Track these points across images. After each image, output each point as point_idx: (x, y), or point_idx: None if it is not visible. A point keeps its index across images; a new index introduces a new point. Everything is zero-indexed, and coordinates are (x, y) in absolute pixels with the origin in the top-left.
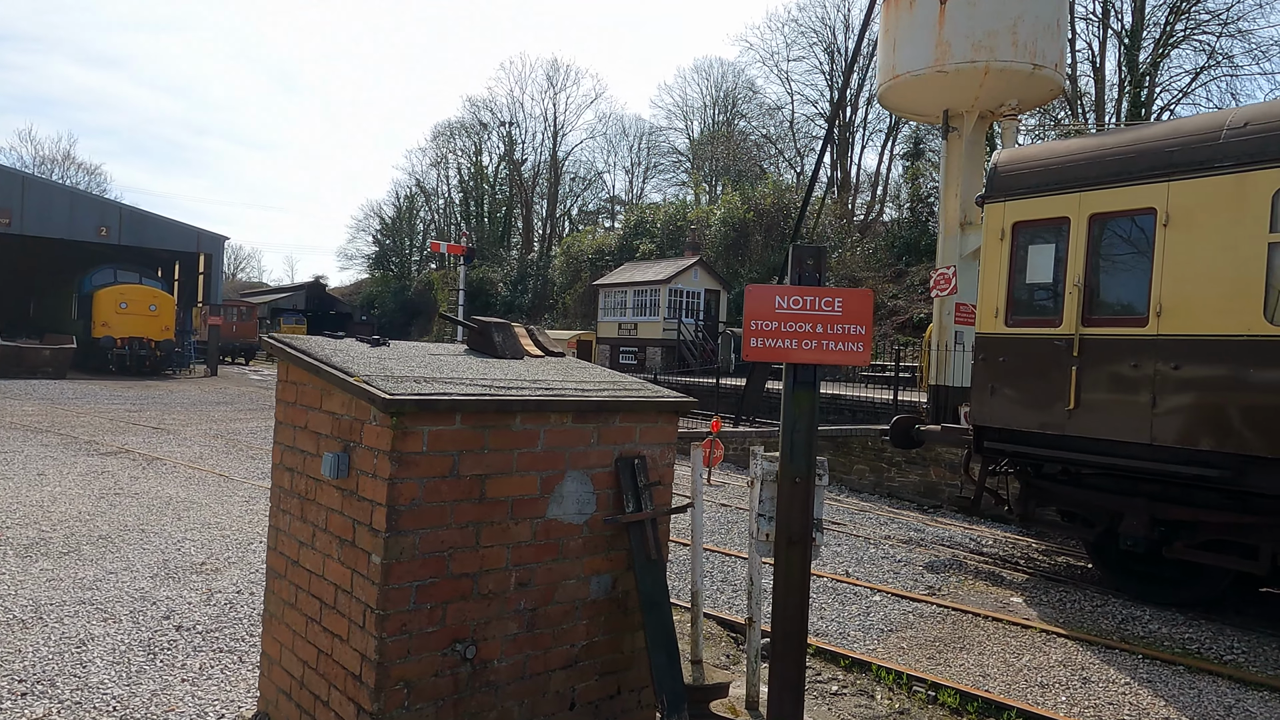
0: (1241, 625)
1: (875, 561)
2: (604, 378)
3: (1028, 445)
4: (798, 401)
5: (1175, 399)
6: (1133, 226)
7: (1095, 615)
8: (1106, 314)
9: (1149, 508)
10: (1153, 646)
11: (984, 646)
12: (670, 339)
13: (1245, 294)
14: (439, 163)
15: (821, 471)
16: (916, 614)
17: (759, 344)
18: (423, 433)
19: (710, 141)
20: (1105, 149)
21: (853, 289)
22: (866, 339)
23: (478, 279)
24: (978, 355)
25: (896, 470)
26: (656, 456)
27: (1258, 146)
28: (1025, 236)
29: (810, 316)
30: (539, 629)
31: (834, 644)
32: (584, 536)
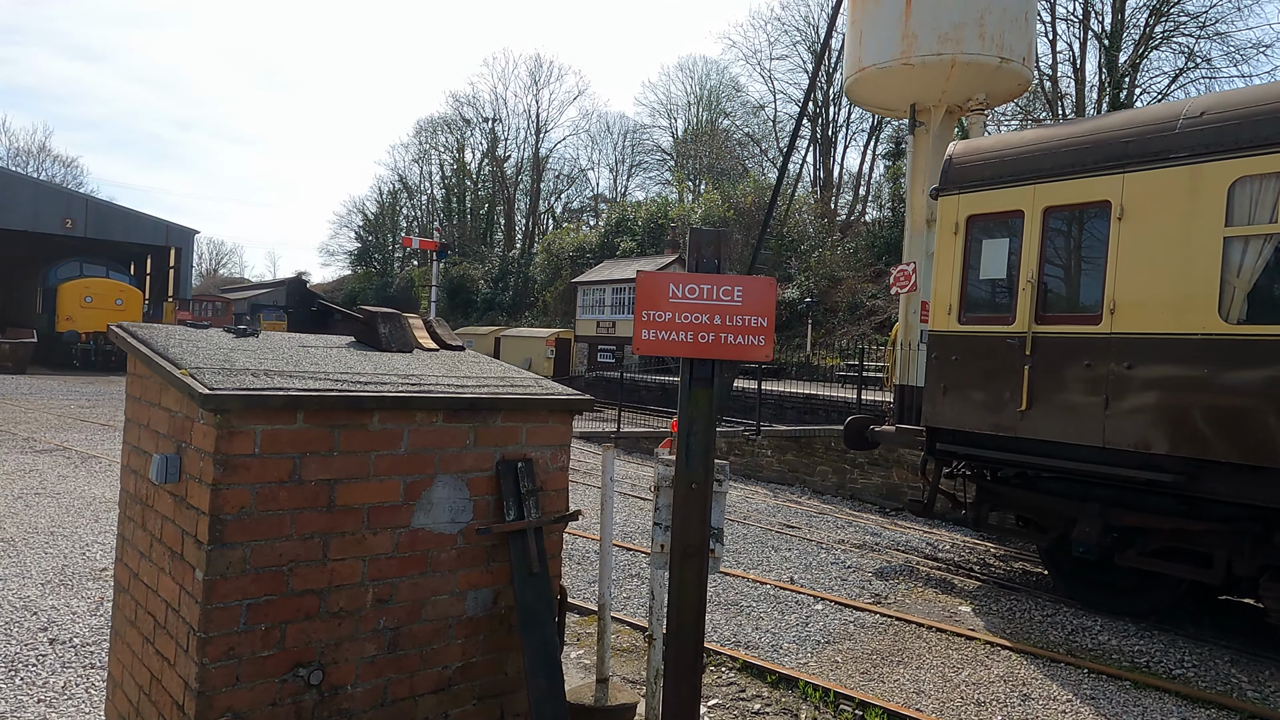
0: (1195, 636)
1: (824, 567)
2: (495, 373)
3: (980, 448)
4: (695, 400)
5: (1128, 401)
6: (1087, 220)
7: (1044, 625)
8: (1060, 311)
9: (1102, 513)
10: (1100, 660)
11: (923, 660)
12: None
13: (1200, 291)
14: (421, 158)
15: (721, 477)
16: (858, 624)
17: (651, 336)
18: (254, 432)
19: (694, 140)
20: (1060, 140)
21: (754, 276)
22: (769, 331)
23: (458, 276)
24: (930, 354)
25: (859, 472)
26: (547, 459)
27: (1213, 136)
28: (979, 230)
29: (707, 307)
30: (403, 650)
31: (764, 658)
32: (459, 548)
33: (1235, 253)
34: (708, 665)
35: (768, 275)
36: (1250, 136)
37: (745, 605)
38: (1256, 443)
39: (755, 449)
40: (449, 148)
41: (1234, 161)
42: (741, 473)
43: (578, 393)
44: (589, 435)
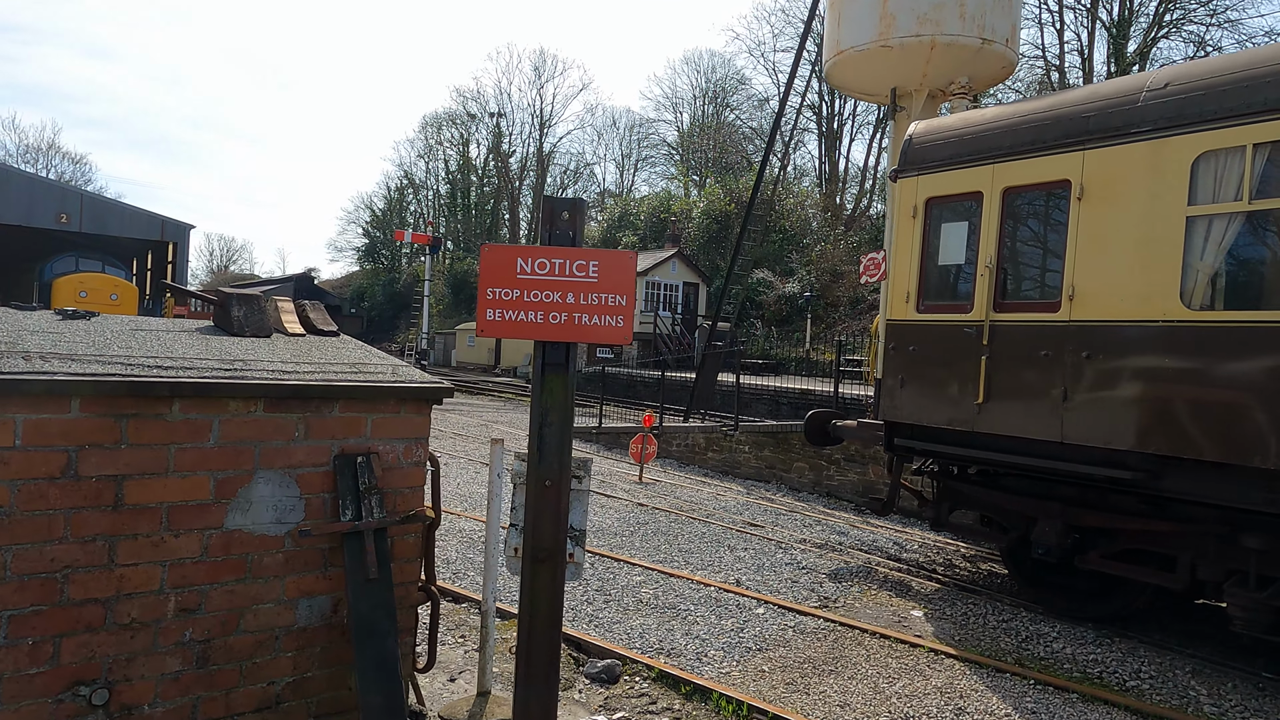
0: (1160, 644)
1: (777, 568)
2: (347, 360)
3: (938, 443)
4: (549, 389)
5: (1087, 393)
6: (1047, 201)
7: (997, 632)
8: (1019, 299)
9: (1063, 513)
10: (1051, 669)
11: (858, 669)
12: (647, 332)
13: (1161, 275)
14: (427, 154)
15: (581, 473)
16: (798, 630)
17: (496, 316)
18: (13, 422)
19: (699, 134)
20: (1021, 116)
21: (612, 250)
22: (628, 311)
23: (463, 272)
24: (888, 344)
25: (836, 469)
26: (399, 453)
27: (1176, 109)
28: (939, 214)
29: (560, 283)
30: (217, 664)
31: (684, 666)
32: (287, 551)
33: (1198, 234)
34: (621, 674)
35: (766, 269)
36: (1215, 108)
37: (683, 609)
38: (1221, 438)
39: (733, 445)
40: (453, 143)
41: (1198, 135)
42: (719, 469)
43: (436, 380)
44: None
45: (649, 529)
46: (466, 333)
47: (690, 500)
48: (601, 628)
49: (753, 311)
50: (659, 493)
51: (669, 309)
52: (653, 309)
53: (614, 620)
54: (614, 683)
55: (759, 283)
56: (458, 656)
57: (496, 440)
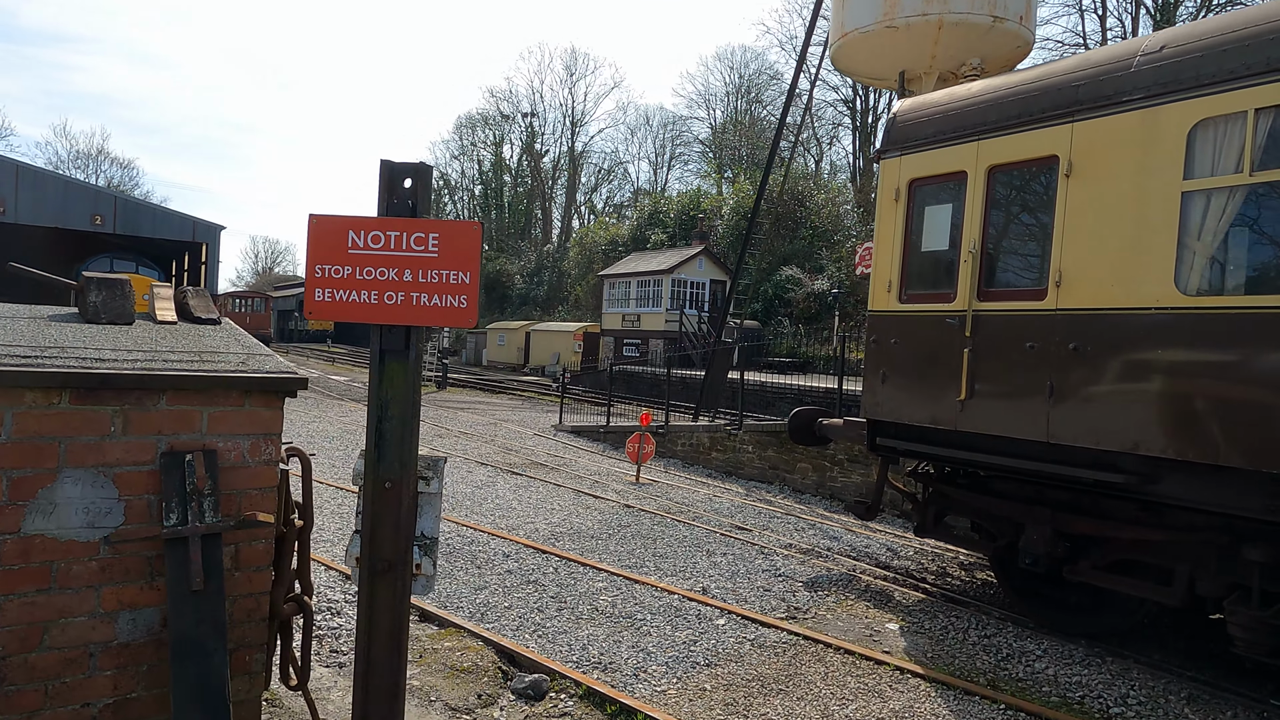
0: (1156, 665)
1: (751, 575)
2: (196, 349)
3: (922, 442)
4: (389, 378)
5: (1074, 389)
6: (1034, 179)
7: (976, 648)
8: (1004, 286)
9: (1052, 519)
10: (1026, 692)
11: (811, 688)
12: (673, 330)
13: (1154, 258)
14: (461, 155)
15: (430, 474)
16: (756, 643)
17: (326, 296)
18: None
19: (732, 130)
20: (1008, 88)
21: (453, 220)
22: (472, 290)
23: (495, 271)
24: (869, 337)
25: (839, 470)
26: (244, 451)
27: (1172, 73)
28: (922, 196)
29: (397, 259)
30: (15, 685)
31: (617, 683)
32: (102, 558)
33: (1195, 211)
34: (548, 691)
35: (794, 266)
36: (1214, 71)
37: (639, 618)
38: (1218, 438)
39: (736, 445)
40: (486, 144)
41: (1195, 101)
42: (723, 470)
43: (289, 371)
44: (580, 429)
45: (629, 532)
46: (497, 332)
47: (682, 502)
48: (545, 638)
49: (781, 309)
50: (651, 494)
51: (695, 306)
52: (679, 307)
53: (560, 630)
54: (539, 699)
55: (787, 280)
56: None
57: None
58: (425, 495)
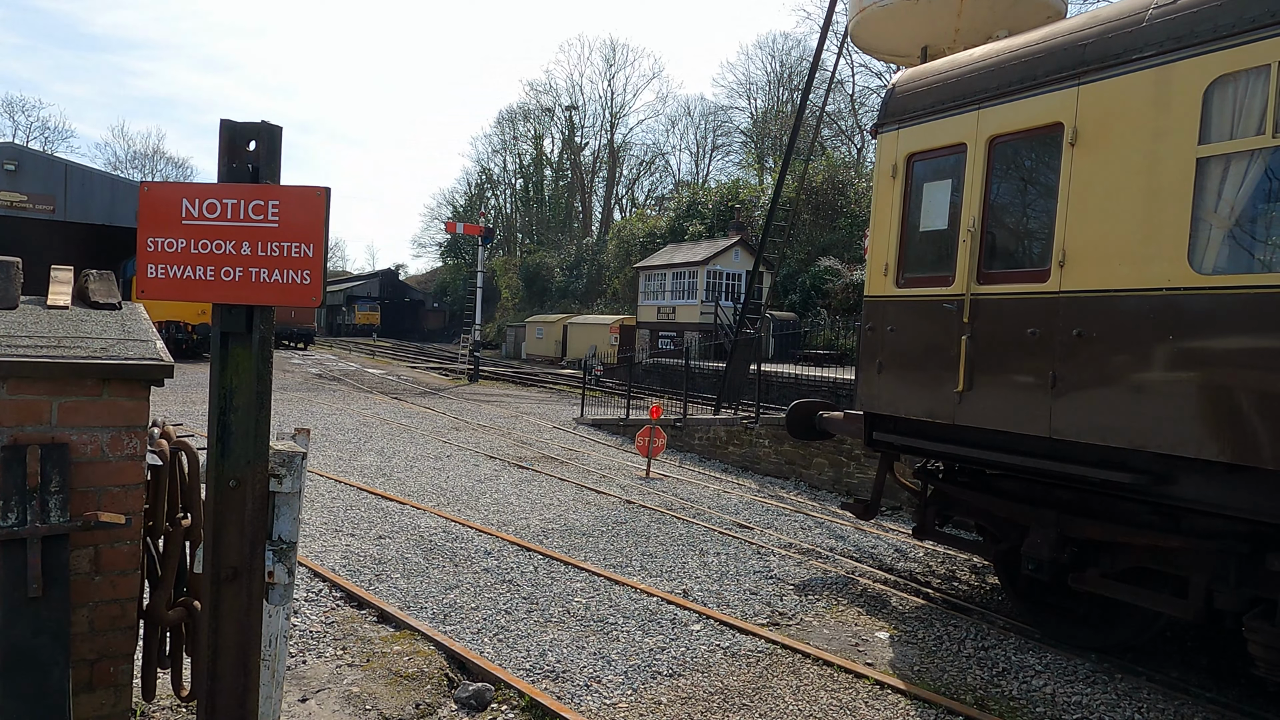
0: (1172, 683)
1: (741, 577)
2: (60, 334)
3: (919, 437)
4: (233, 364)
5: (1078, 379)
6: (1037, 150)
7: (970, 661)
8: (1005, 268)
9: (1058, 522)
10: (1017, 713)
11: (779, 704)
12: (708, 323)
13: (1166, 233)
14: (503, 149)
15: (284, 472)
16: (729, 652)
17: (159, 273)
18: None
19: (773, 119)
20: (1010, 51)
21: (296, 186)
22: (316, 264)
23: (535, 264)
24: (865, 324)
25: (856, 465)
26: (102, 445)
27: (1187, 25)
28: (921, 172)
29: (234, 230)
30: None
31: (565, 693)
32: None
33: (1212, 179)
34: (491, 700)
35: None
36: (1233, 21)
37: (611, 622)
38: (1238, 434)
39: (753, 439)
40: (526, 137)
41: (1211, 56)
42: (739, 464)
43: (154, 358)
44: (601, 423)
45: (623, 529)
46: (536, 325)
47: (687, 498)
48: (505, 642)
49: (819, 300)
50: (658, 490)
51: (731, 298)
52: (714, 299)
53: (524, 634)
54: (481, 710)
55: (826, 271)
56: (325, 671)
57: (303, 430)
58: (280, 495)
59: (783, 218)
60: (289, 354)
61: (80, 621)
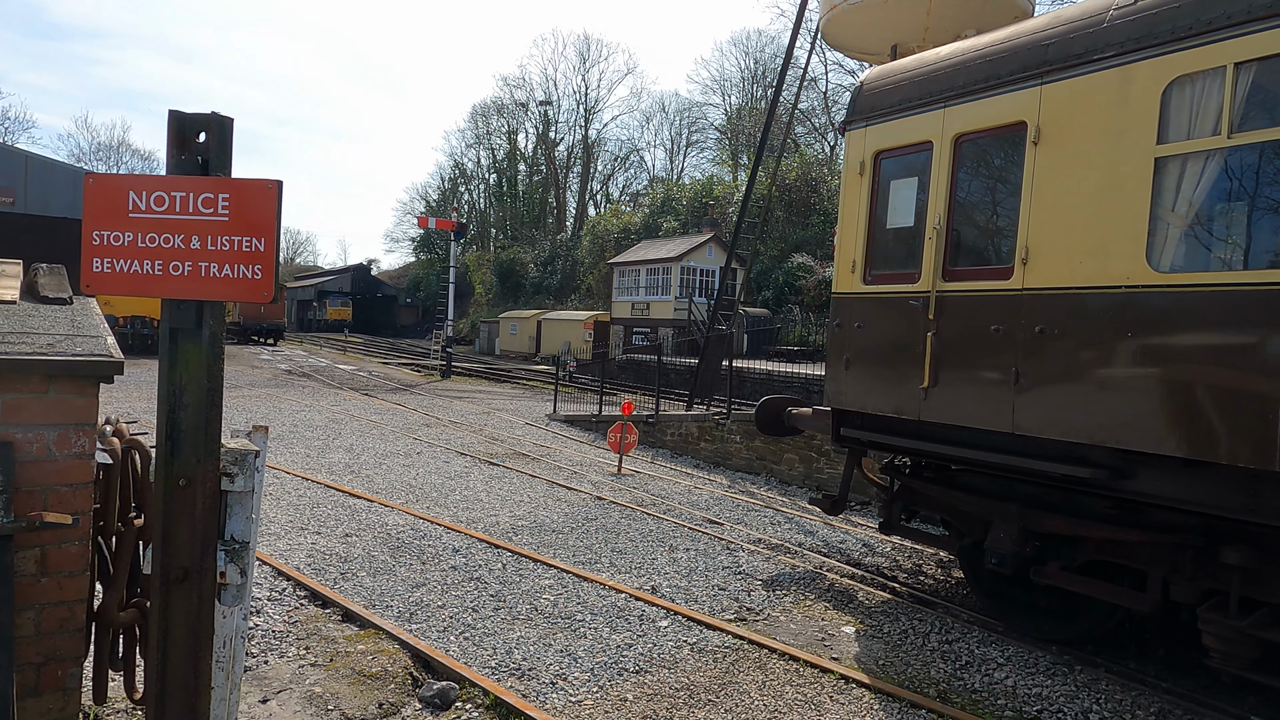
0: (1130, 674)
1: (709, 573)
2: (7, 329)
3: (886, 433)
4: (183, 360)
5: (1040, 375)
6: (1001, 148)
7: (934, 655)
8: (969, 265)
9: (1021, 516)
10: (979, 706)
11: (744, 699)
12: (682, 319)
13: (1125, 231)
14: (476, 144)
15: (236, 471)
16: (696, 648)
17: (106, 267)
18: None
19: (747, 116)
20: (976, 51)
21: (248, 179)
22: (267, 258)
23: (508, 260)
24: (833, 321)
25: (826, 461)
26: (49, 443)
27: (1146, 26)
28: (888, 169)
29: (183, 224)
30: None
31: (530, 691)
32: None
33: (1169, 178)
34: (456, 699)
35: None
36: (1191, 22)
37: (579, 619)
38: (1194, 430)
39: (724, 435)
40: (500, 132)
41: (1170, 57)
42: (711, 460)
43: (104, 354)
44: (573, 419)
45: (593, 526)
46: (509, 321)
47: (658, 494)
48: (471, 640)
49: (792, 297)
50: (629, 486)
51: (705, 294)
52: (688, 294)
53: (490, 631)
54: (445, 709)
55: (799, 267)
56: (287, 671)
57: (261, 427)
58: (233, 494)
59: (755, 214)
60: (258, 349)
61: (25, 624)
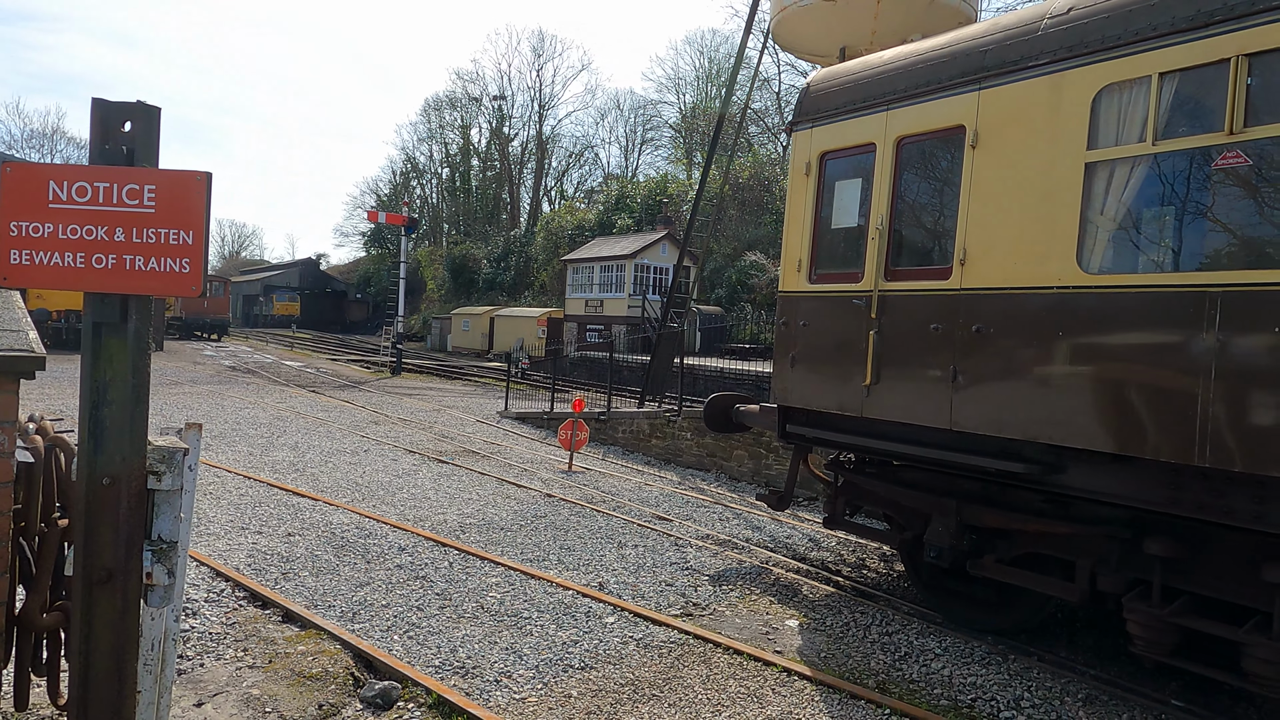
0: (1061, 662)
1: (657, 569)
2: None
3: (830, 430)
4: (107, 356)
5: (977, 373)
6: (941, 151)
7: (875, 647)
8: (911, 265)
9: (959, 510)
10: (916, 695)
11: (688, 694)
12: (636, 316)
13: (1056, 234)
14: (429, 138)
15: (163, 469)
16: (642, 643)
17: (24, 259)
18: None
19: (701, 114)
20: (918, 55)
21: (174, 170)
22: (195, 252)
23: (461, 256)
24: (779, 319)
25: (774, 457)
26: None
27: (1078, 36)
28: (833, 170)
29: (107, 215)
30: None
31: (474, 689)
32: None
33: (1098, 183)
34: (398, 699)
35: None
36: (1119, 33)
37: (525, 616)
38: (1119, 426)
39: (675, 432)
40: (454, 126)
41: (1099, 66)
42: (662, 457)
43: (24, 349)
44: (525, 416)
45: (543, 523)
46: (462, 317)
47: (608, 491)
48: (415, 639)
49: (744, 295)
50: (579, 483)
51: (659, 292)
52: (641, 292)
53: (435, 630)
54: (388, 708)
55: (751, 265)
56: (224, 674)
57: (194, 425)
58: (161, 493)
59: (708, 212)
60: (201, 345)
61: None
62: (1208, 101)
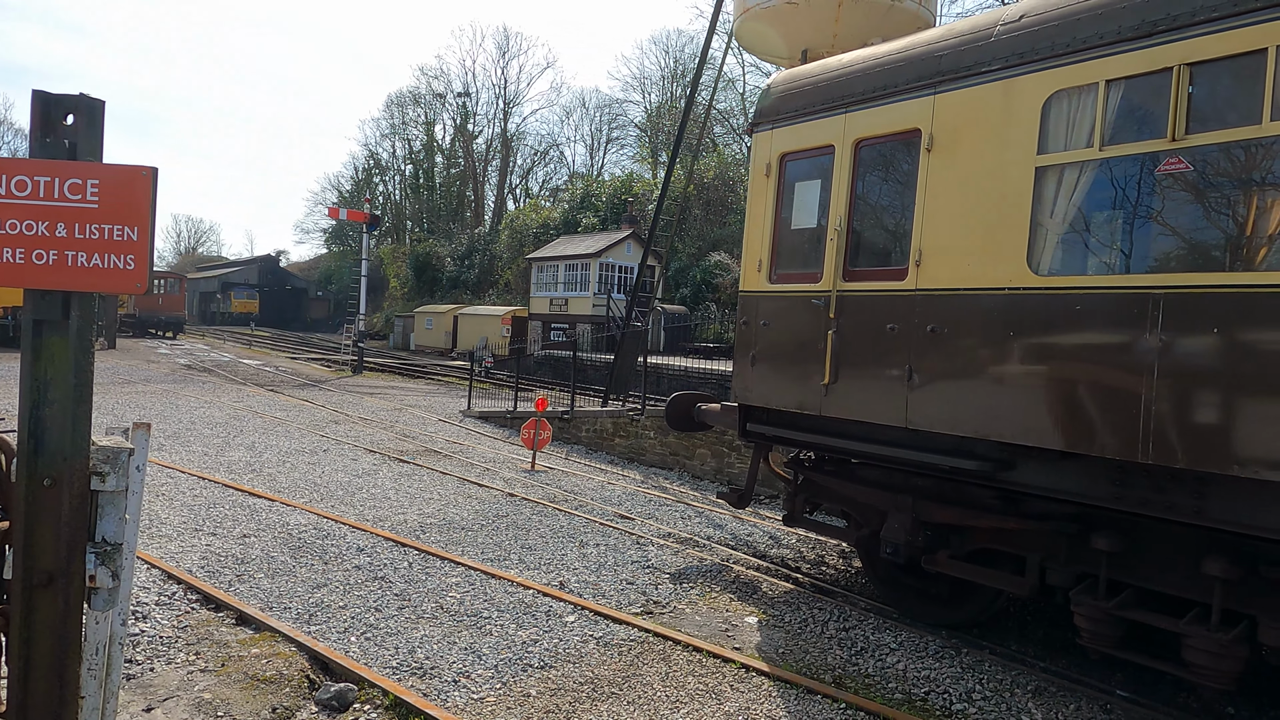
0: (1012, 655)
1: (619, 568)
2: None
3: (789, 428)
4: (47, 354)
5: (932, 372)
6: (898, 153)
7: (832, 642)
8: (868, 266)
9: (913, 507)
10: (872, 688)
11: (646, 691)
12: (600, 315)
13: (1008, 236)
14: (392, 134)
15: (107, 469)
16: (602, 642)
17: None
18: None
19: (666, 114)
20: (875, 59)
21: (118, 164)
22: (140, 248)
23: (424, 254)
24: (740, 319)
25: (736, 456)
26: None
27: (1029, 43)
28: (793, 171)
29: (48, 210)
30: None
31: (432, 689)
32: None
33: (1048, 187)
34: (354, 701)
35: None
36: (1069, 40)
37: (485, 616)
38: (1067, 424)
39: (639, 430)
40: (417, 122)
41: (1050, 73)
42: (626, 456)
43: None
44: (488, 415)
45: (504, 523)
46: (425, 315)
47: (571, 490)
48: (373, 640)
49: (709, 294)
50: (542, 482)
51: (623, 291)
52: (606, 291)
53: (392, 631)
54: (343, 710)
55: (715, 265)
56: (175, 678)
57: (142, 424)
58: (105, 494)
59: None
60: (156, 343)
61: None
62: (1152, 109)
